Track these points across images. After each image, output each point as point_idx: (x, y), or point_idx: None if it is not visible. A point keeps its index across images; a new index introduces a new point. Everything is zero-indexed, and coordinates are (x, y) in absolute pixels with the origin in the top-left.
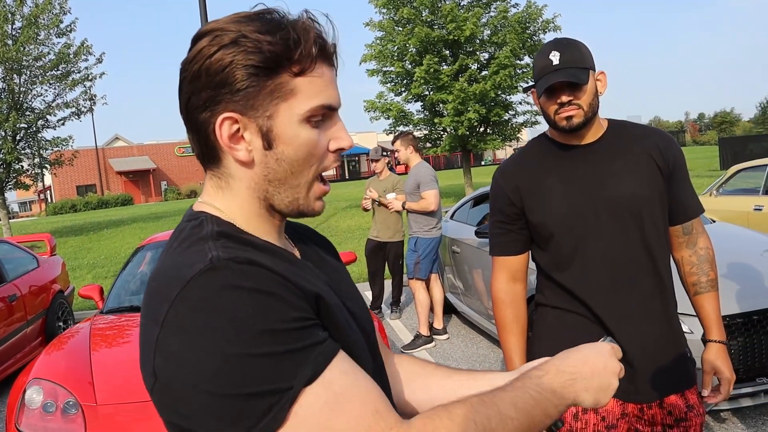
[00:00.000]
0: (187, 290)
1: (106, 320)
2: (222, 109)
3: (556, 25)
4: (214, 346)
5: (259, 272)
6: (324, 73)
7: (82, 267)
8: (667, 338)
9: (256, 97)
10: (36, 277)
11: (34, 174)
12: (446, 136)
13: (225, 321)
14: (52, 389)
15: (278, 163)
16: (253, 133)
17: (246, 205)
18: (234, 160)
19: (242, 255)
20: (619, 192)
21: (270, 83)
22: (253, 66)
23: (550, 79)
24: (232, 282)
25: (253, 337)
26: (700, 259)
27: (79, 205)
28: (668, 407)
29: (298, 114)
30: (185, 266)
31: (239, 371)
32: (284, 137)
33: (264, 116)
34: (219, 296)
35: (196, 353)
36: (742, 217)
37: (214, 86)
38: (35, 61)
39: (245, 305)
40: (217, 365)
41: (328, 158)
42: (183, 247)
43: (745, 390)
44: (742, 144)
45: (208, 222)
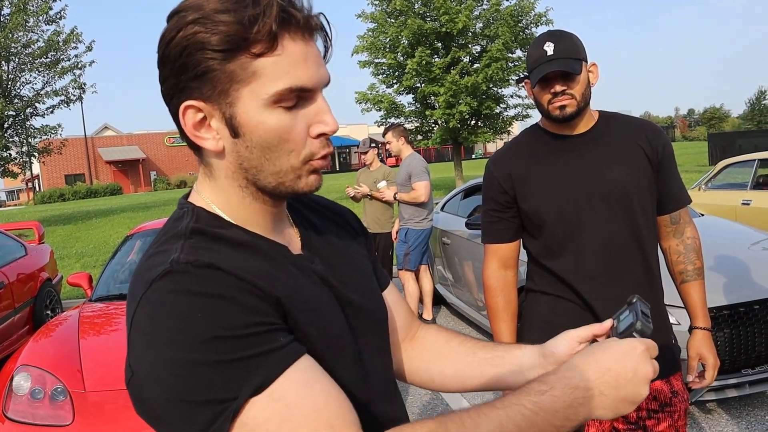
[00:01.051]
0: (148, 293)
1: (95, 308)
2: (185, 96)
3: (548, 19)
4: (166, 351)
5: (215, 276)
6: (292, 50)
7: (71, 256)
8: (655, 324)
9: (217, 82)
10: (24, 264)
11: (22, 162)
12: (437, 128)
13: (176, 326)
14: (40, 376)
15: (249, 150)
16: (219, 121)
17: (230, 195)
18: (205, 149)
19: (202, 258)
20: (609, 180)
21: (229, 66)
22: (210, 49)
23: (544, 69)
24: (185, 287)
25: (201, 344)
26: (687, 249)
27: (68, 194)
28: (653, 393)
29: (262, 98)
30: (152, 267)
31: (186, 378)
32: (249, 125)
33: (226, 102)
34: (171, 301)
35: (152, 356)
36: (731, 211)
37: (176, 72)
38: (24, 48)
39: (195, 311)
40: (167, 370)
41: (312, 144)
42: (159, 242)
43: (730, 381)
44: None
45: (187, 215)
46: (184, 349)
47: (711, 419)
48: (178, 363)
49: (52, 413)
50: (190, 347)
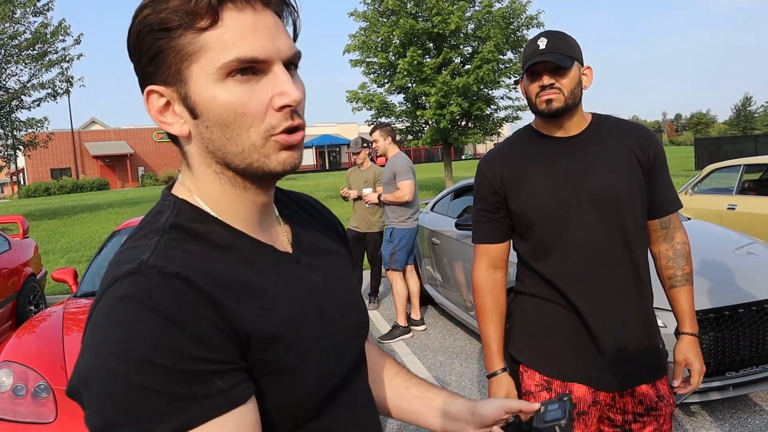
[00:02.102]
0: (110, 290)
1: (80, 304)
2: (148, 82)
3: (539, 22)
4: (103, 354)
5: (178, 292)
6: (239, 22)
7: (56, 251)
8: (641, 329)
9: (170, 62)
10: (7, 259)
11: (7, 155)
12: (428, 128)
13: (119, 335)
14: (22, 372)
15: (210, 131)
16: (180, 104)
17: (208, 184)
18: (175, 136)
19: (171, 266)
20: (600, 183)
21: (176, 44)
22: (156, 30)
23: (534, 60)
24: (143, 295)
25: (135, 363)
26: (677, 254)
27: (53, 188)
28: (639, 396)
29: (210, 73)
30: (122, 262)
31: (108, 391)
32: (202, 102)
33: (180, 82)
34: (125, 306)
35: (90, 355)
36: (716, 216)
37: (136, 59)
38: (10, 40)
39: (142, 326)
40: (97, 375)
41: (273, 116)
42: (137, 236)
43: (714, 384)
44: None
45: (168, 209)
46: (119, 361)
47: (695, 422)
48: (108, 373)
49: (35, 410)
50: (124, 362)
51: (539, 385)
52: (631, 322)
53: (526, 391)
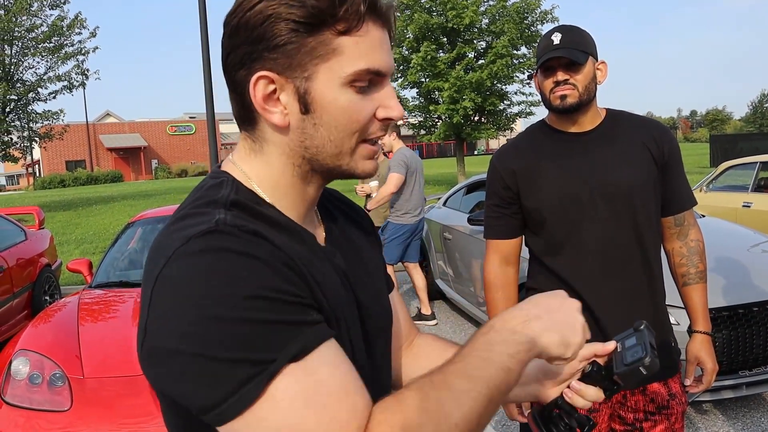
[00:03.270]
0: (186, 246)
1: (95, 294)
2: (259, 66)
3: (553, 17)
4: (203, 303)
5: (262, 244)
6: (373, 34)
7: (70, 242)
8: (653, 325)
9: (296, 55)
10: (23, 249)
11: (23, 147)
12: (441, 123)
13: (218, 279)
14: (38, 361)
15: (315, 128)
16: (290, 95)
17: (276, 173)
18: (269, 123)
19: (250, 225)
20: (613, 178)
21: (311, 41)
22: (294, 21)
23: (548, 56)
24: (232, 246)
25: (244, 300)
26: (690, 251)
27: (68, 180)
28: (651, 395)
29: (339, 76)
30: (189, 226)
31: (224, 333)
32: (322, 101)
33: (302, 77)
34: (216, 255)
35: (185, 310)
36: (731, 213)
37: (252, 41)
38: (27, 33)
39: (242, 268)
40: (201, 325)
41: (373, 125)
42: (194, 206)
43: (727, 382)
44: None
45: (226, 185)
46: (226, 304)
47: (707, 420)
48: (217, 318)
49: (50, 398)
50: (232, 303)
51: None
52: (644, 319)
53: None
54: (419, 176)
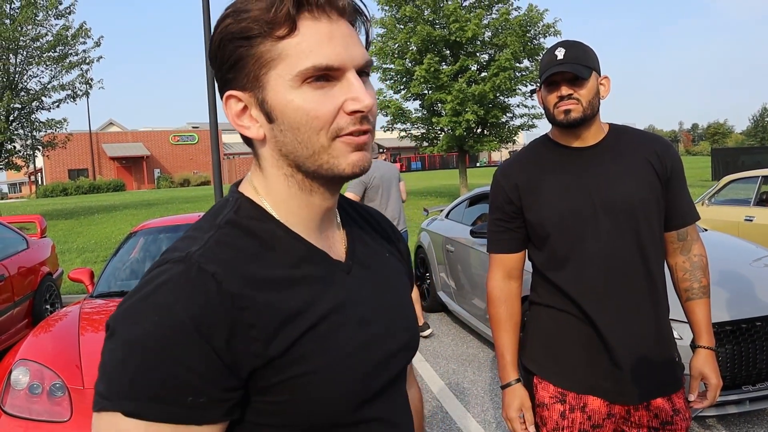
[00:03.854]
0: (157, 269)
1: (96, 304)
2: (228, 88)
3: (556, 30)
4: (123, 320)
5: (208, 293)
6: (317, 31)
7: (72, 251)
8: (657, 340)
9: (249, 69)
10: (25, 258)
11: (26, 155)
12: (443, 135)
13: (141, 310)
14: (38, 371)
15: (283, 134)
16: (257, 108)
17: (276, 186)
18: (250, 139)
19: (213, 264)
20: (616, 193)
21: (255, 52)
22: (237, 38)
23: (552, 71)
24: (175, 287)
25: (136, 339)
26: (694, 266)
27: (71, 188)
28: (655, 410)
29: (287, 79)
30: (176, 249)
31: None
32: (278, 106)
33: (258, 88)
34: (157, 290)
35: (119, 316)
36: (733, 227)
37: (218, 66)
38: (32, 42)
39: (160, 313)
40: (110, 331)
41: (342, 119)
42: (197, 226)
43: (731, 398)
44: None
45: (230, 205)
46: (129, 332)
47: None
48: (118, 338)
49: (50, 409)
50: (131, 335)
51: (553, 396)
52: (646, 334)
53: (540, 403)
54: (392, 188)
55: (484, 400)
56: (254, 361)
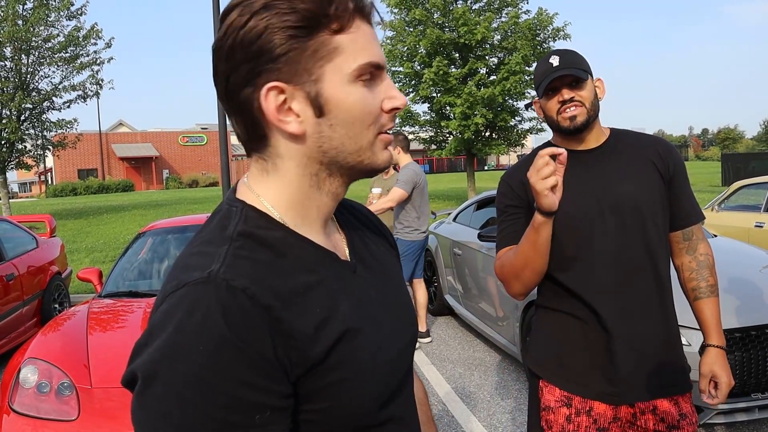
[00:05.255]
0: (177, 294)
1: (104, 304)
2: (264, 80)
3: (566, 34)
4: (156, 357)
5: (245, 309)
6: (365, 30)
7: (81, 250)
8: (664, 340)
9: (299, 61)
10: (34, 257)
11: (37, 155)
12: (452, 139)
13: (176, 341)
14: (47, 369)
15: (332, 129)
16: (302, 102)
17: (293, 188)
18: (285, 135)
19: (240, 279)
20: (621, 192)
21: (311, 44)
22: (290, 27)
23: (551, 76)
24: (207, 309)
25: (184, 373)
26: (700, 265)
27: (80, 188)
28: (661, 414)
29: (346, 73)
30: (190, 268)
31: (152, 393)
32: (335, 100)
33: (310, 81)
34: (187, 316)
35: (147, 355)
36: (743, 233)
37: (251, 57)
38: (44, 43)
39: (201, 340)
40: (147, 375)
41: (383, 118)
42: (205, 240)
43: (740, 405)
44: (744, 161)
45: (236, 215)
46: (168, 368)
47: None
48: (155, 375)
49: (58, 408)
50: (173, 370)
51: (559, 400)
52: (654, 333)
53: (546, 407)
54: (425, 190)
55: (491, 404)
56: (297, 369)
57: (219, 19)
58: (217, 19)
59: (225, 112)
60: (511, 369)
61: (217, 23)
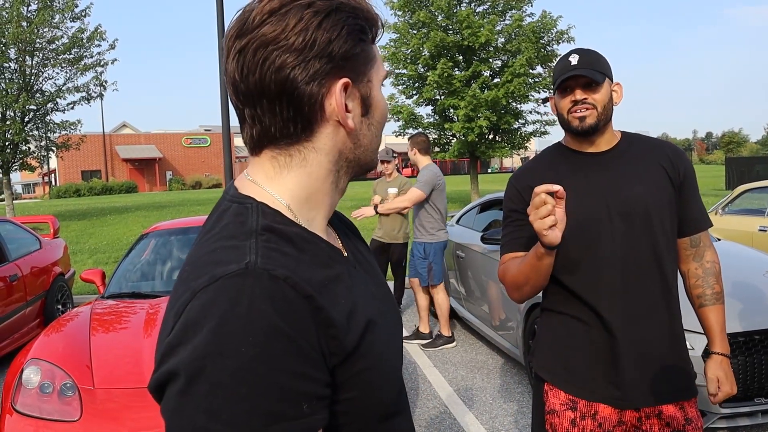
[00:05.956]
0: (212, 288)
1: (107, 305)
2: (337, 76)
3: (569, 37)
4: (199, 353)
5: (289, 298)
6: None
7: (84, 251)
8: (670, 344)
9: (360, 63)
10: (38, 258)
11: (41, 156)
12: (455, 141)
13: (221, 335)
14: (49, 370)
15: (369, 128)
16: (356, 100)
17: (316, 183)
18: (335, 130)
19: (280, 269)
20: (630, 196)
21: (368, 49)
22: (359, 30)
23: (566, 75)
24: (257, 300)
25: (234, 368)
26: (706, 272)
27: (84, 189)
28: (666, 419)
29: (380, 78)
30: (221, 262)
31: (199, 390)
32: (376, 101)
33: (365, 82)
34: (235, 309)
35: (188, 352)
36: (747, 237)
37: (325, 55)
38: (48, 44)
39: (250, 331)
40: (192, 372)
41: None
42: (224, 236)
43: (743, 409)
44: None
45: (253, 212)
46: (215, 363)
47: None
48: (202, 372)
49: (60, 408)
50: (222, 365)
51: (564, 404)
52: (660, 337)
53: (551, 410)
54: (445, 192)
55: (493, 407)
56: (334, 359)
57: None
58: (221, 21)
59: (252, 104)
60: (513, 372)
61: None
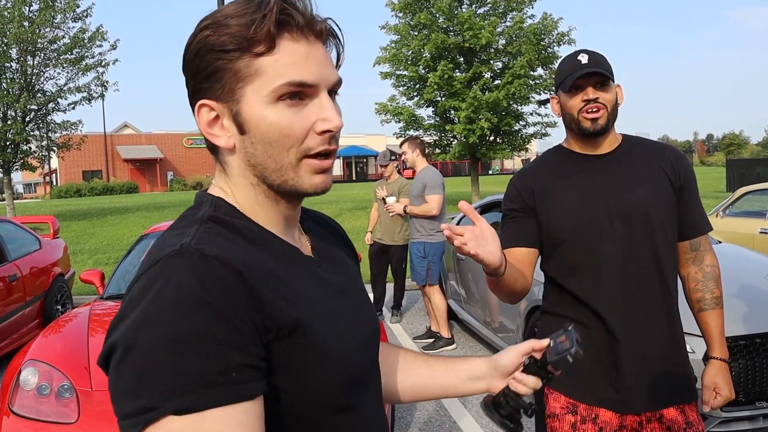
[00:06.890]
0: (153, 269)
1: (106, 306)
2: (200, 96)
3: (570, 38)
4: (134, 327)
5: (218, 273)
6: (294, 49)
7: (84, 252)
8: (670, 348)
9: (225, 81)
10: (37, 258)
11: (42, 156)
12: (456, 143)
13: (152, 310)
14: (47, 372)
15: (254, 147)
16: (229, 119)
17: (243, 191)
18: (219, 147)
19: (212, 248)
20: (631, 199)
21: (235, 66)
22: (217, 50)
23: (579, 73)
24: (181, 275)
25: (163, 338)
26: (706, 276)
27: (84, 190)
28: (667, 422)
29: (263, 95)
30: (164, 247)
31: (133, 362)
32: (252, 120)
33: (233, 100)
34: (162, 285)
35: (125, 327)
36: (748, 240)
37: (191, 74)
38: (50, 44)
39: (178, 305)
40: (127, 345)
41: (313, 139)
42: (176, 227)
43: (744, 413)
44: (749, 167)
45: (206, 204)
46: (147, 335)
47: None
48: (135, 344)
49: (58, 410)
50: (152, 335)
51: (564, 407)
52: (659, 341)
53: (551, 414)
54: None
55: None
56: (268, 335)
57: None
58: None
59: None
60: None
61: None
